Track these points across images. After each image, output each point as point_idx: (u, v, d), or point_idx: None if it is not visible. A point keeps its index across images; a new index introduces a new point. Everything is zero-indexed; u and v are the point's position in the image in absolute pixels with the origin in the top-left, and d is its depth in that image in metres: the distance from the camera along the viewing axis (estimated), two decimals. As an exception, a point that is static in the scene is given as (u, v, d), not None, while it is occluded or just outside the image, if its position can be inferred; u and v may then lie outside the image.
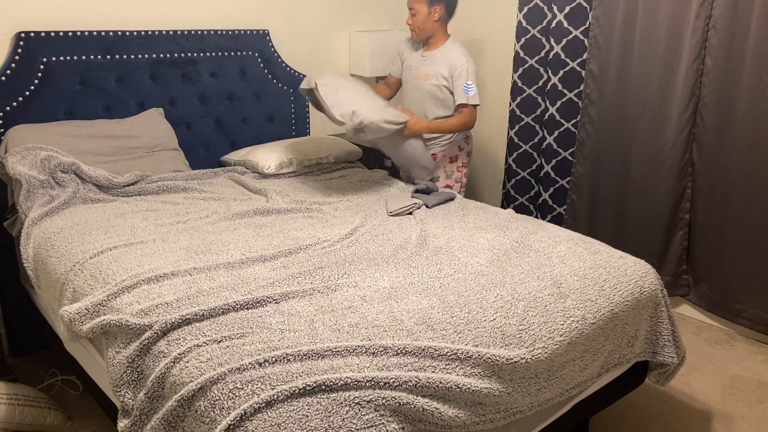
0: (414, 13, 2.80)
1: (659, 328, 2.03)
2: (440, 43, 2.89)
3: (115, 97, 2.76)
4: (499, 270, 1.90)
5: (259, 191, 2.62)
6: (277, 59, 3.25)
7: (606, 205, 3.29)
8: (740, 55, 2.67)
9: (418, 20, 2.81)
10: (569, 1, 3.21)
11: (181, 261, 1.89)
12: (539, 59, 3.45)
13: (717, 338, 2.91)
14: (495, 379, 1.52)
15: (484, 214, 2.42)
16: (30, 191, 2.30)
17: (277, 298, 1.68)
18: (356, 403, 1.33)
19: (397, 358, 1.45)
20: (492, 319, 1.64)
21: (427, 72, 2.87)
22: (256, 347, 1.46)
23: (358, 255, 1.99)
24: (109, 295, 1.71)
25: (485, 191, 4.10)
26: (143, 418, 1.48)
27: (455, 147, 3.04)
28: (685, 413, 2.36)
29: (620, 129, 3.15)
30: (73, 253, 1.98)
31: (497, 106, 3.88)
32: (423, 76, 2.88)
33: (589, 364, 1.77)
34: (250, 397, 1.31)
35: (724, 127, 2.78)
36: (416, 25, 2.83)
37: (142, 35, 2.80)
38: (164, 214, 2.31)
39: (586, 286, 1.86)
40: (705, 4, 2.71)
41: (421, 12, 2.79)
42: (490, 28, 3.83)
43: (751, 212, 2.74)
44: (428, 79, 2.86)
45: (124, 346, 1.58)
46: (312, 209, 2.44)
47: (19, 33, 2.50)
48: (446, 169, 3.05)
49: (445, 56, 2.84)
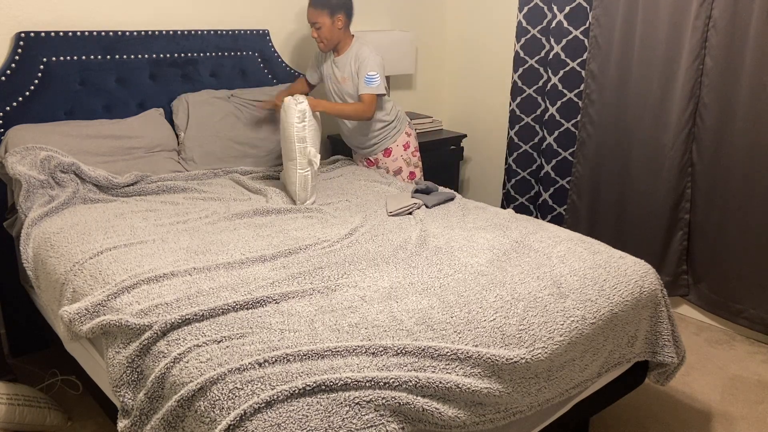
0: (319, 27, 2.79)
1: (659, 328, 2.03)
2: (347, 46, 2.92)
3: (115, 97, 2.76)
4: (499, 270, 1.90)
5: (259, 191, 2.62)
6: (277, 59, 3.25)
7: (606, 205, 3.29)
8: (740, 55, 2.67)
9: (324, 32, 2.81)
10: (569, 1, 3.21)
11: (180, 261, 1.89)
12: (539, 59, 3.45)
13: (717, 338, 2.91)
14: (495, 379, 1.52)
15: (484, 214, 2.42)
16: (30, 191, 2.30)
17: (277, 298, 1.68)
18: (356, 403, 1.33)
19: (397, 358, 1.45)
20: (492, 319, 1.64)
21: (343, 76, 2.92)
22: (256, 347, 1.46)
23: (358, 255, 1.99)
24: (109, 295, 1.71)
25: (485, 191, 4.10)
26: (143, 418, 1.48)
27: (403, 134, 3.09)
28: (685, 413, 2.37)
29: (620, 129, 3.15)
30: (72, 253, 1.98)
31: (497, 106, 3.89)
32: (341, 80, 2.93)
33: (589, 364, 1.77)
34: (250, 397, 1.31)
35: (724, 127, 2.78)
36: (323, 37, 2.83)
37: (142, 35, 2.80)
38: (164, 215, 2.31)
39: (586, 286, 1.86)
40: (705, 4, 2.72)
41: (325, 24, 2.79)
42: (490, 28, 3.83)
43: (751, 212, 2.74)
44: (345, 83, 2.92)
45: (124, 346, 1.58)
46: (312, 209, 2.44)
47: (19, 33, 2.50)
48: (404, 157, 3.09)
49: (354, 56, 2.89)
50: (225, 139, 2.91)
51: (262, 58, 3.20)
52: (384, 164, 3.09)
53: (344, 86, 2.93)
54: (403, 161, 3.09)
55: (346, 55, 2.91)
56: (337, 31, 2.84)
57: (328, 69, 2.98)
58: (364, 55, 2.85)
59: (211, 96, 2.94)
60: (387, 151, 3.07)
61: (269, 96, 3.05)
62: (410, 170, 3.12)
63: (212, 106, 2.91)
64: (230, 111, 2.96)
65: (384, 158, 3.08)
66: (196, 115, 2.86)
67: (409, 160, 3.11)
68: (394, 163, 3.08)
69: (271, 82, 3.23)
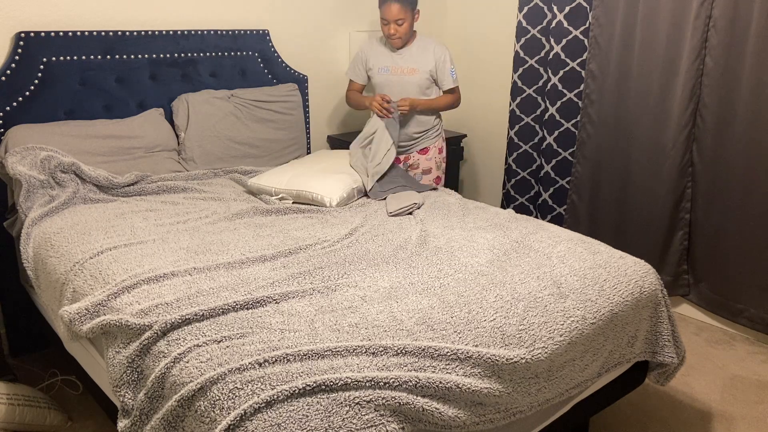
0: (402, 22, 2.82)
1: (659, 328, 2.03)
2: (413, 38, 2.97)
3: (115, 97, 2.76)
4: (499, 270, 1.90)
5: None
6: (277, 59, 3.25)
7: (606, 205, 3.29)
8: (740, 55, 2.67)
9: (406, 28, 2.85)
10: (569, 1, 3.21)
11: (181, 261, 1.89)
12: (539, 59, 3.45)
13: (717, 338, 2.91)
14: (495, 379, 1.52)
15: (484, 214, 2.42)
16: (30, 191, 2.30)
17: (277, 298, 1.68)
18: (356, 403, 1.33)
19: (397, 358, 1.45)
20: (492, 319, 1.64)
21: (411, 67, 2.95)
22: (256, 347, 1.46)
23: (358, 255, 1.99)
24: (109, 295, 1.71)
25: (485, 191, 4.11)
26: (143, 418, 1.48)
27: (441, 138, 3.12)
28: (685, 413, 2.37)
29: (620, 129, 3.15)
30: (73, 253, 1.98)
31: (497, 106, 3.89)
32: (408, 71, 2.95)
33: (589, 364, 1.77)
34: (250, 397, 1.31)
35: (724, 127, 2.78)
36: (403, 33, 2.86)
37: (142, 35, 2.80)
38: (164, 214, 2.31)
39: (586, 286, 1.86)
40: (705, 4, 2.71)
41: (408, 19, 2.84)
42: (490, 28, 3.83)
43: (751, 212, 2.74)
44: (414, 74, 2.94)
45: (124, 346, 1.58)
46: (312, 209, 2.44)
47: (19, 33, 2.50)
48: (437, 160, 3.10)
49: (425, 48, 2.95)
50: (225, 139, 2.92)
51: (262, 58, 3.20)
52: (416, 161, 3.08)
53: (411, 77, 2.95)
54: (435, 164, 3.10)
55: (415, 47, 2.95)
56: (413, 26, 2.90)
57: (387, 61, 2.98)
58: (442, 51, 2.94)
59: (211, 96, 2.94)
60: (425, 150, 3.08)
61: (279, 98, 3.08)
62: (438, 174, 3.14)
63: (212, 106, 2.91)
64: (230, 111, 2.96)
65: (419, 155, 3.07)
66: (196, 115, 2.86)
67: (440, 164, 3.13)
68: (427, 163, 3.08)
69: (271, 82, 3.23)
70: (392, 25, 2.84)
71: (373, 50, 3.03)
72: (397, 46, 2.94)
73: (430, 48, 2.94)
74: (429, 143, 3.07)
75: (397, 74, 2.96)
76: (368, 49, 3.05)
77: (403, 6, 2.79)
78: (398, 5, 2.79)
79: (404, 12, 2.81)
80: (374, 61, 3.01)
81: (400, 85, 2.97)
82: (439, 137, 3.11)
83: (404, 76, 2.95)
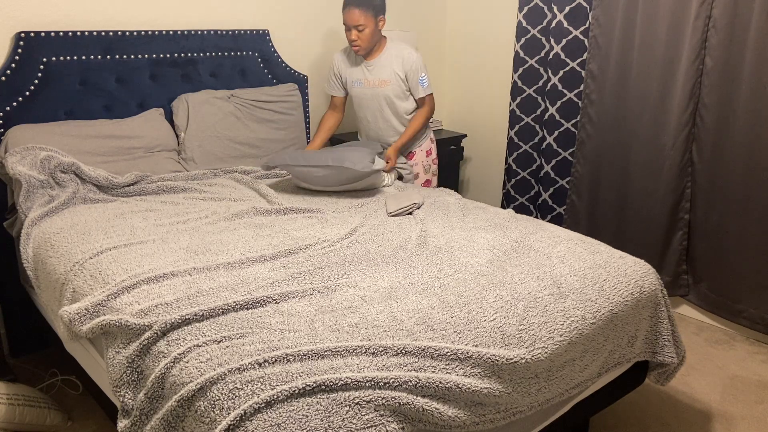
0: (362, 28, 2.72)
1: (659, 328, 2.03)
2: (382, 47, 2.88)
3: (115, 97, 2.76)
4: (499, 270, 1.90)
5: (259, 191, 2.62)
6: (277, 59, 3.25)
7: (606, 205, 3.29)
8: (740, 55, 2.67)
9: (367, 35, 2.74)
10: (569, 1, 3.21)
11: (180, 261, 1.89)
12: (539, 59, 3.45)
13: (717, 338, 2.91)
14: (495, 379, 1.52)
15: (484, 214, 2.42)
16: (30, 191, 2.30)
17: (277, 298, 1.68)
18: (356, 403, 1.33)
19: (397, 358, 1.45)
20: (492, 319, 1.64)
21: (382, 79, 2.86)
22: (256, 347, 1.46)
23: (358, 255, 1.99)
24: (108, 296, 1.71)
25: (485, 191, 4.11)
26: (143, 418, 1.48)
27: (428, 140, 3.09)
28: (685, 413, 2.37)
29: (620, 129, 3.15)
30: (72, 253, 1.98)
31: (497, 106, 3.89)
32: (379, 84, 2.87)
33: (589, 364, 1.77)
34: (250, 397, 1.31)
35: (724, 127, 2.78)
36: (364, 40, 2.75)
37: (142, 35, 2.80)
38: (164, 215, 2.31)
39: (586, 286, 1.86)
40: (705, 4, 2.72)
41: (369, 25, 2.72)
42: (490, 28, 3.83)
43: (751, 212, 2.74)
44: (386, 85, 2.87)
45: (123, 346, 1.58)
46: (312, 209, 2.44)
47: (19, 33, 2.50)
48: (424, 164, 3.08)
49: (396, 56, 2.85)
50: (225, 139, 2.91)
51: (262, 58, 3.20)
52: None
53: (384, 89, 2.87)
54: (423, 168, 3.08)
55: (384, 57, 2.85)
56: (378, 33, 2.78)
57: (359, 74, 2.92)
58: (411, 58, 2.82)
59: (211, 96, 2.94)
60: (410, 155, 3.04)
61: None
62: (427, 178, 3.10)
63: (212, 106, 2.91)
64: (230, 111, 2.96)
65: (406, 159, 3.06)
66: (196, 115, 2.86)
67: (428, 167, 3.09)
68: (413, 168, 3.06)
69: (271, 82, 3.23)
70: (353, 31, 2.74)
71: (344, 62, 2.98)
72: (360, 54, 2.84)
73: (399, 56, 2.84)
74: (413, 147, 3.05)
75: (370, 87, 2.92)
76: (339, 61, 2.99)
77: (363, 11, 2.69)
78: (358, 10, 2.69)
79: (365, 17, 2.70)
80: (347, 74, 2.97)
81: (374, 98, 2.93)
82: (426, 140, 3.07)
83: (377, 88, 2.90)
